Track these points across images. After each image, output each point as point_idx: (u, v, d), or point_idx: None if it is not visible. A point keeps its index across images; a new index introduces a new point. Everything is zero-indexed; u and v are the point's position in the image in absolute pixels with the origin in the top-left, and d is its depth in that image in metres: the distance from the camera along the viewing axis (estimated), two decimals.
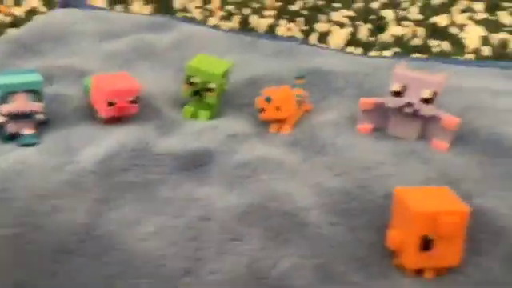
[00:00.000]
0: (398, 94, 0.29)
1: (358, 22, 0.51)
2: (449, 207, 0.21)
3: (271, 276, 0.22)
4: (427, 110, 0.29)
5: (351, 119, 0.33)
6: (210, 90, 0.32)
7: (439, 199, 0.22)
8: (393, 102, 0.30)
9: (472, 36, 0.49)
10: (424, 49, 0.47)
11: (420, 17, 0.52)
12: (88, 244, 0.24)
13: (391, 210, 0.23)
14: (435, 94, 0.28)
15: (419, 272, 0.22)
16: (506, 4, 0.57)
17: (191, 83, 0.32)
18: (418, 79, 0.29)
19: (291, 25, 0.50)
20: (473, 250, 0.23)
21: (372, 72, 0.38)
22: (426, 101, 0.29)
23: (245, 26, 0.50)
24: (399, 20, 0.52)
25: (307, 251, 0.23)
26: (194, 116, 0.33)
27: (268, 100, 0.30)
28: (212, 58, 0.33)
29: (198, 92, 0.32)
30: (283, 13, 0.53)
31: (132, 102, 0.32)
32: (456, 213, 0.21)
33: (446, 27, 0.51)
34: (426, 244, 0.21)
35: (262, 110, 0.31)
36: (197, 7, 0.58)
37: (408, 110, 0.29)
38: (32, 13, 0.60)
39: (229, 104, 0.35)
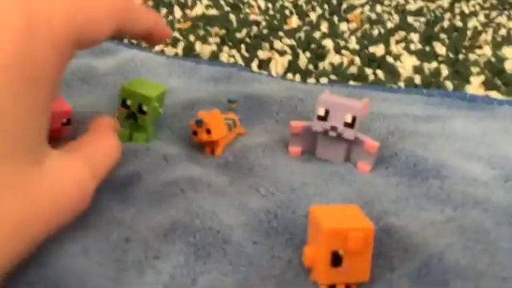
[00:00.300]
0: (322, 118, 0.31)
1: (298, 50, 0.53)
2: (356, 224, 0.22)
3: None
4: (349, 134, 0.30)
5: (282, 142, 0.34)
6: (143, 112, 0.33)
7: (348, 217, 0.23)
8: (318, 126, 0.31)
9: (406, 65, 0.52)
10: (360, 77, 0.49)
11: (358, 47, 0.55)
12: None
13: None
14: (354, 118, 0.30)
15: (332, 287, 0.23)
16: (441, 35, 0.61)
17: (125, 106, 0.33)
18: (340, 104, 0.30)
19: (234, 51, 0.52)
20: (384, 267, 0.24)
21: (305, 97, 0.39)
22: (348, 125, 0.30)
23: (189, 52, 0.51)
24: (338, 49, 0.54)
25: (227, 268, 0.24)
26: (130, 139, 0.33)
27: (199, 123, 0.31)
28: (147, 81, 0.34)
29: (133, 114, 0.33)
30: (227, 40, 0.55)
31: (64, 124, 0.32)
32: (362, 229, 0.22)
33: (382, 57, 0.53)
34: (336, 260, 0.22)
35: (195, 132, 0.32)
36: None
37: (332, 133, 0.31)
38: None
39: (165, 127, 0.36)
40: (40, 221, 0.22)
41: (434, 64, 0.52)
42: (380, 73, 0.50)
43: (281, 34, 0.59)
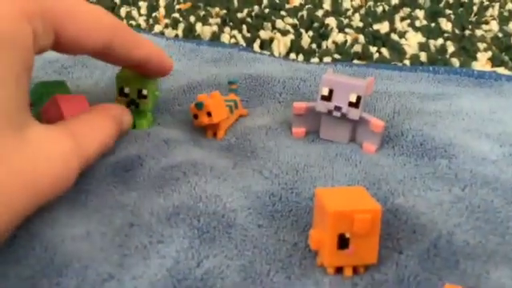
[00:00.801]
0: (326, 98, 0.30)
1: (301, 29, 0.52)
2: (362, 206, 0.22)
3: (194, 276, 0.22)
4: (353, 114, 0.30)
5: (285, 123, 0.33)
6: (144, 97, 0.32)
7: (354, 199, 0.22)
8: (322, 106, 0.30)
9: (411, 42, 0.51)
10: (364, 55, 0.48)
11: (361, 24, 0.54)
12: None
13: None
14: (359, 97, 0.29)
15: (339, 270, 0.23)
16: (447, 11, 0.60)
17: (123, 94, 0.32)
18: (344, 83, 0.29)
19: (235, 32, 0.51)
20: (392, 248, 0.24)
21: (309, 77, 0.39)
22: (353, 104, 0.30)
23: (190, 34, 0.50)
24: (342, 28, 0.53)
25: (232, 252, 0.23)
26: (134, 127, 0.33)
27: (199, 106, 0.30)
28: None
29: (133, 101, 0.32)
30: (228, 20, 0.54)
31: None
32: (369, 211, 0.21)
33: (386, 34, 0.52)
34: (343, 242, 0.22)
35: (195, 116, 0.31)
36: (141, 15, 0.58)
37: (336, 113, 0.30)
38: None
39: (166, 111, 0.35)
40: (19, 191, 0.21)
41: (440, 41, 0.51)
42: (385, 51, 0.49)
43: (283, 13, 0.58)
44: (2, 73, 0.21)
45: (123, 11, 0.58)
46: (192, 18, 0.55)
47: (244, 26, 0.54)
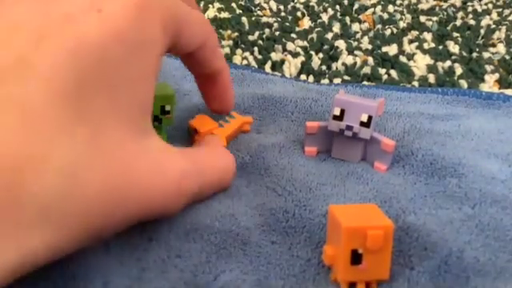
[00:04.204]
0: (338, 118, 0.31)
1: (311, 51, 0.53)
2: (375, 222, 0.22)
3: None
4: (365, 133, 0.31)
5: (298, 142, 0.34)
6: (167, 112, 0.33)
7: (367, 215, 0.23)
8: (334, 126, 0.31)
9: (419, 64, 0.52)
10: (373, 77, 0.49)
11: (370, 47, 0.55)
12: None
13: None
14: (370, 117, 0.30)
15: (352, 286, 0.23)
16: (454, 34, 0.61)
17: None
18: (356, 104, 0.30)
19: (247, 54, 0.52)
20: (404, 265, 0.24)
21: (320, 98, 0.40)
22: (364, 124, 0.31)
23: None
24: (351, 50, 0.55)
25: (248, 267, 0.24)
26: None
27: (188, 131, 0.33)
28: None
29: (156, 118, 0.33)
30: (240, 42, 0.55)
31: None
32: (382, 227, 0.22)
33: (395, 56, 0.53)
34: (356, 258, 0.22)
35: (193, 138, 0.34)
36: None
37: (347, 132, 0.31)
38: None
39: (180, 129, 0.36)
40: (133, 196, 0.21)
41: (448, 63, 0.52)
42: (393, 72, 0.50)
43: (293, 35, 0.59)
44: (135, 77, 0.22)
45: None
46: None
47: (255, 48, 0.55)
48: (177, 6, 0.25)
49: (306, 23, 0.64)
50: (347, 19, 0.65)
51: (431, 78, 0.49)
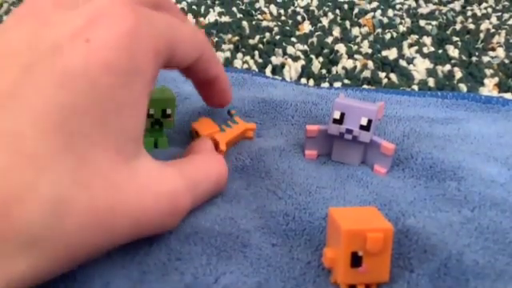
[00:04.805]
0: (338, 121, 0.31)
1: (311, 55, 0.53)
2: (375, 225, 0.22)
3: None
4: (364, 137, 0.31)
5: (298, 145, 0.34)
6: (168, 116, 0.33)
7: (367, 218, 0.23)
8: (334, 129, 0.31)
9: (419, 68, 0.52)
10: (373, 80, 0.49)
11: (370, 51, 0.55)
12: None
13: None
14: (370, 121, 0.30)
15: None
16: (454, 38, 0.61)
17: (148, 115, 0.33)
18: (356, 107, 0.31)
19: (247, 58, 0.52)
20: (403, 267, 0.24)
21: (320, 101, 0.40)
22: (364, 128, 0.31)
23: None
24: (351, 54, 0.55)
25: (248, 269, 0.24)
26: (156, 146, 0.34)
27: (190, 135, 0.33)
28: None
29: (158, 121, 0.33)
30: (241, 46, 0.55)
31: None
32: (381, 230, 0.22)
33: (395, 60, 0.53)
34: (356, 260, 0.22)
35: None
36: None
37: (347, 136, 0.31)
38: None
39: (181, 133, 0.36)
40: (122, 221, 0.21)
41: (448, 67, 0.52)
42: (393, 76, 0.50)
43: (293, 39, 0.60)
44: (124, 104, 0.22)
45: None
46: None
47: (256, 52, 0.55)
48: (169, 28, 0.25)
49: (306, 27, 0.64)
50: (347, 23, 0.65)
51: (431, 82, 0.49)
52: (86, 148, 0.20)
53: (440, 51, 0.57)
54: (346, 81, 0.50)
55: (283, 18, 0.69)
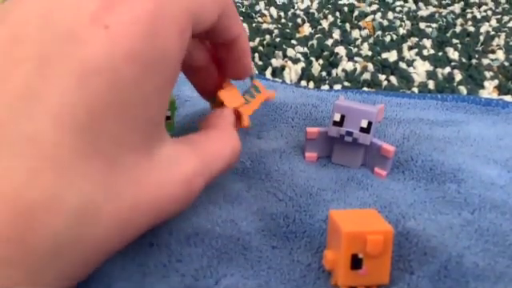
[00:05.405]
0: (338, 123, 0.31)
1: (311, 58, 0.53)
2: (375, 227, 0.22)
3: None
4: (364, 139, 0.31)
5: (298, 147, 0.35)
6: (168, 118, 0.33)
7: (367, 220, 0.23)
8: (334, 131, 0.32)
9: (419, 71, 0.52)
10: (373, 83, 0.49)
11: (370, 53, 0.55)
12: None
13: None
14: (370, 123, 0.30)
15: None
16: (454, 41, 0.61)
17: None
18: (356, 110, 0.31)
19: None
20: (404, 269, 0.24)
21: (320, 104, 0.40)
22: (364, 130, 0.31)
23: None
24: (351, 56, 0.55)
25: (248, 272, 0.24)
26: None
27: (211, 101, 0.32)
28: None
29: None
30: None
31: None
32: (381, 232, 0.22)
33: (395, 63, 0.53)
34: (356, 262, 0.22)
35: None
36: None
37: (347, 138, 0.31)
38: None
39: (184, 134, 0.36)
40: (143, 212, 0.21)
41: (448, 69, 0.53)
42: (393, 79, 0.51)
43: (293, 42, 0.60)
44: (149, 93, 0.20)
45: None
46: None
47: (256, 55, 0.55)
48: None
49: (306, 30, 0.65)
50: (347, 26, 0.65)
51: (431, 85, 0.49)
52: (112, 149, 0.19)
53: (440, 54, 0.57)
54: (346, 83, 0.50)
55: (283, 20, 0.69)
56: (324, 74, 0.52)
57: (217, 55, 0.30)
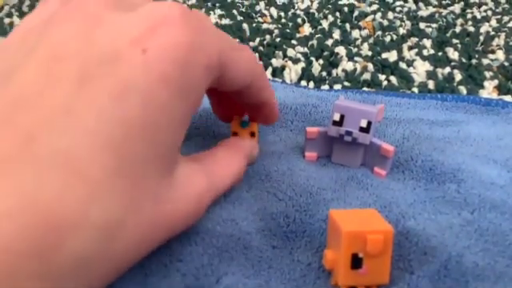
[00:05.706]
0: (338, 123, 0.31)
1: (311, 58, 0.53)
2: (375, 227, 0.23)
3: None
4: (364, 138, 0.31)
5: (297, 149, 0.35)
6: None
7: (367, 220, 0.23)
8: (333, 131, 0.32)
9: (419, 71, 0.52)
10: (373, 83, 0.49)
11: (370, 53, 0.55)
12: None
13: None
14: (369, 123, 0.30)
15: None
16: (453, 41, 0.61)
17: None
18: (355, 109, 0.31)
19: None
20: (404, 269, 0.25)
21: (320, 104, 0.40)
22: (364, 130, 0.31)
23: None
24: (351, 56, 0.55)
25: (249, 271, 0.24)
26: None
27: (244, 125, 0.32)
28: None
29: None
30: None
31: None
32: (381, 232, 0.22)
33: (395, 63, 0.54)
34: (356, 262, 0.23)
35: (234, 133, 0.32)
36: None
37: (347, 138, 0.31)
38: None
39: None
40: (159, 230, 0.22)
41: (447, 69, 0.53)
42: (393, 79, 0.51)
43: (294, 42, 0.60)
44: (177, 120, 0.21)
45: None
46: None
47: (256, 55, 0.55)
48: (225, 42, 0.23)
49: (306, 30, 0.65)
50: (347, 26, 0.65)
51: (431, 84, 0.50)
52: (138, 169, 0.20)
53: (440, 54, 0.57)
54: (346, 83, 0.50)
55: (283, 20, 0.69)
56: (324, 73, 0.52)
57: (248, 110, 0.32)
